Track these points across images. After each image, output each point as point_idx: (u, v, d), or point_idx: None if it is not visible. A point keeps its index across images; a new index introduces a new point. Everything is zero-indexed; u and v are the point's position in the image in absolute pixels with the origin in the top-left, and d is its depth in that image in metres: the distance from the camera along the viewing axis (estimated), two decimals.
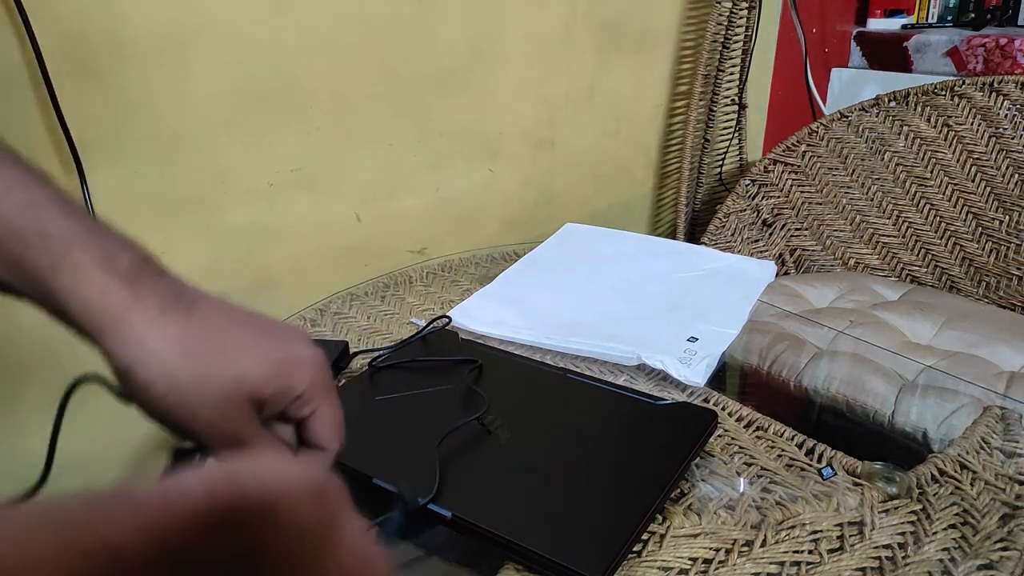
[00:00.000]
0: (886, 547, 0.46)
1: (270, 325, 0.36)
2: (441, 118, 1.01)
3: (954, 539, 0.46)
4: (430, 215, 1.05)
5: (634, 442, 0.55)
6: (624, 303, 0.80)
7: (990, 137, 1.00)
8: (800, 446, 0.56)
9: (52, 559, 0.17)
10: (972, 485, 0.51)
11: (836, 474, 0.52)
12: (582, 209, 1.24)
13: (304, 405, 0.33)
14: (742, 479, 0.52)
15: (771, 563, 0.45)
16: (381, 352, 0.69)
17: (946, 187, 1.05)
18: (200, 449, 0.33)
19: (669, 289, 0.83)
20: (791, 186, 1.14)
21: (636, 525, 0.46)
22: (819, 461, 0.54)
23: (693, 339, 0.71)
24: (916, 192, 1.07)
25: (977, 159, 1.01)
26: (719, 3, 1.20)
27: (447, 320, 0.74)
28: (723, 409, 0.62)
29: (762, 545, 0.47)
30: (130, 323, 0.29)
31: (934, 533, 0.47)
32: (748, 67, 1.29)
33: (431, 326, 0.73)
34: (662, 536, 0.48)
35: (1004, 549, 0.45)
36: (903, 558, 0.45)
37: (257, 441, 0.31)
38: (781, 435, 0.58)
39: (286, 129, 0.87)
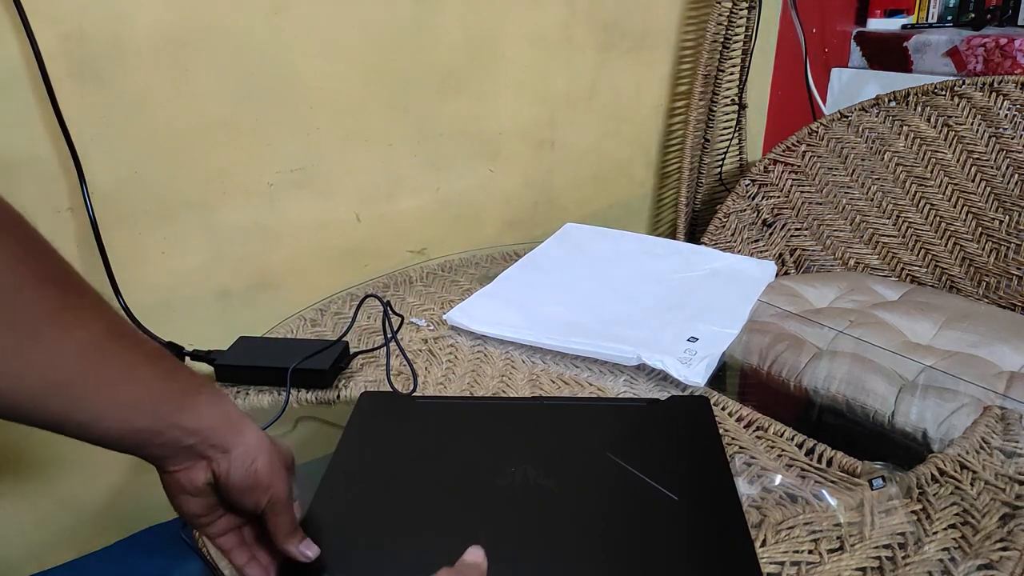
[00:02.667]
0: (886, 547, 0.46)
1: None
2: (441, 118, 1.01)
3: (954, 539, 0.46)
4: (430, 215, 1.05)
5: (664, 449, 0.53)
6: (624, 303, 0.80)
7: (990, 137, 1.00)
8: (800, 446, 0.56)
9: None
10: (972, 485, 0.51)
11: (886, 485, 0.51)
12: (582, 209, 1.24)
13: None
14: (778, 475, 0.52)
15: (771, 563, 0.45)
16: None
17: (946, 187, 1.05)
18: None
19: (669, 289, 0.82)
20: (791, 186, 1.14)
21: (747, 527, 0.45)
22: (819, 461, 0.54)
23: (693, 339, 0.71)
24: (916, 192, 1.07)
25: (977, 159, 1.01)
26: (719, 3, 1.20)
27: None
28: (723, 409, 0.62)
29: (762, 545, 0.47)
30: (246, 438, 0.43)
31: (934, 533, 0.47)
32: (748, 67, 1.29)
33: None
34: None
35: (1004, 549, 0.45)
36: (903, 558, 0.45)
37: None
38: (781, 435, 0.58)
39: (286, 129, 0.87)
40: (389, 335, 0.71)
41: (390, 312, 0.69)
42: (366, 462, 0.54)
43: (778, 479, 0.52)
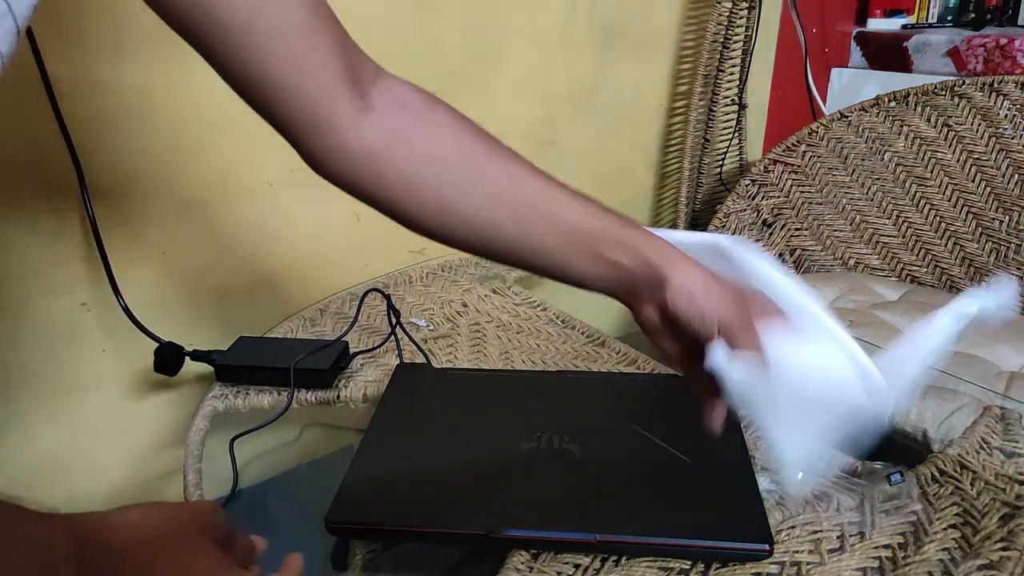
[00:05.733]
0: (886, 547, 0.46)
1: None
2: None
3: (954, 539, 0.46)
4: None
5: (681, 420, 0.56)
6: None
7: (990, 137, 1.00)
8: None
9: None
10: (972, 485, 0.51)
11: (904, 480, 0.51)
12: None
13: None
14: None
15: (771, 563, 0.45)
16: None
17: (946, 187, 1.05)
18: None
19: None
20: (791, 186, 1.14)
21: (758, 490, 0.48)
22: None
23: None
24: (916, 192, 1.07)
25: (977, 159, 1.01)
26: (719, 3, 1.20)
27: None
28: None
29: None
30: (681, 269, 0.42)
31: (934, 533, 0.47)
32: (748, 67, 1.29)
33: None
34: None
35: (1004, 549, 0.45)
36: (903, 558, 0.45)
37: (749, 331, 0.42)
38: None
39: None
40: (394, 322, 0.71)
41: (391, 305, 0.70)
42: (402, 425, 0.59)
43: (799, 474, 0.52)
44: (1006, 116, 0.98)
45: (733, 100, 1.32)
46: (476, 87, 1.03)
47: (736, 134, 1.35)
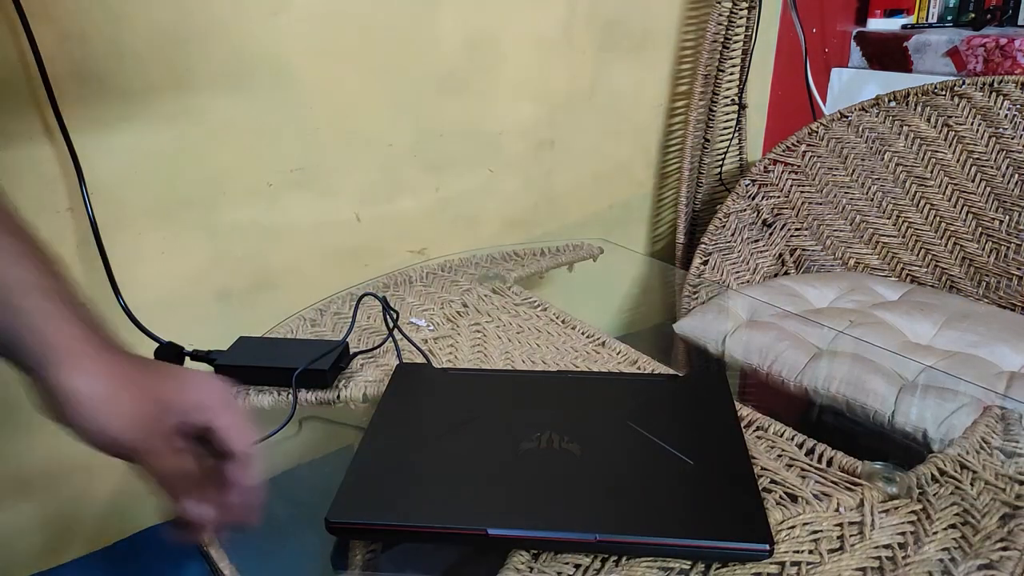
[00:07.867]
0: (886, 547, 0.46)
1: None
2: (441, 118, 1.01)
3: (954, 539, 0.46)
4: (430, 215, 1.05)
5: (682, 420, 0.57)
6: None
7: (990, 137, 1.00)
8: (800, 446, 0.56)
9: None
10: (972, 485, 0.51)
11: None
12: (582, 209, 1.24)
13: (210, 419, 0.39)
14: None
15: (771, 563, 0.45)
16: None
17: (946, 187, 1.05)
18: None
19: None
20: (791, 186, 1.14)
21: (758, 490, 0.48)
22: (819, 461, 0.54)
23: None
24: (916, 192, 1.07)
25: (977, 159, 1.01)
26: (719, 3, 1.20)
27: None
28: None
29: None
30: (78, 357, 0.34)
31: (934, 533, 0.47)
32: (748, 67, 1.29)
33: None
34: None
35: (1004, 549, 0.45)
36: (903, 558, 0.45)
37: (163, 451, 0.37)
38: (781, 435, 0.58)
39: (286, 129, 0.87)
40: (391, 325, 0.71)
41: (387, 306, 0.70)
42: (402, 425, 0.58)
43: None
44: (1006, 116, 0.98)
45: (733, 100, 1.32)
46: (476, 87, 1.03)
47: (736, 134, 1.35)
